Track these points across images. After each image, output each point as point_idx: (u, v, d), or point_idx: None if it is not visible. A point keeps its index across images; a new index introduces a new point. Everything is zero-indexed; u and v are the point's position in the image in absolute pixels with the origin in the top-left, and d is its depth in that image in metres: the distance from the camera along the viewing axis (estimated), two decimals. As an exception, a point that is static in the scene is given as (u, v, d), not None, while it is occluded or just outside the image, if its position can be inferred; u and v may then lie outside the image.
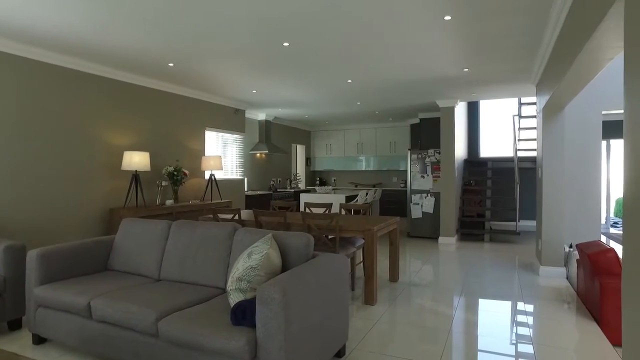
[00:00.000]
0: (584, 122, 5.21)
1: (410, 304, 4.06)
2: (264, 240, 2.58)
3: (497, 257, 6.31)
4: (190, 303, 2.58)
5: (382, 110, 8.84)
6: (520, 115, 8.45)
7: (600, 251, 3.69)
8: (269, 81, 5.94)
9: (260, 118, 9.38)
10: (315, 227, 4.12)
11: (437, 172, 7.69)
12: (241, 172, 8.18)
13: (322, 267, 2.51)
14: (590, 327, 3.52)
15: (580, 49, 2.87)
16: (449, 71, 5.33)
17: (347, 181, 11.73)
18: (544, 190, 4.98)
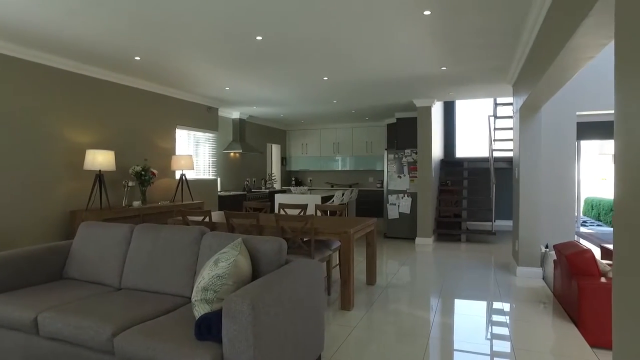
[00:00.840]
0: (558, 123, 5.22)
1: (388, 308, 3.94)
2: (232, 246, 2.40)
3: (474, 257, 6.28)
4: (152, 315, 2.36)
5: (358, 110, 8.73)
6: (495, 116, 8.50)
7: (577, 252, 3.66)
8: (243, 78, 5.73)
9: (234, 116, 9.13)
10: (289, 230, 3.95)
11: (414, 172, 7.63)
12: (214, 172, 7.92)
13: (295, 274, 2.34)
14: (568, 328, 3.48)
15: (561, 47, 2.80)
16: (427, 69, 5.25)
17: (323, 181, 11.59)
18: (521, 190, 4.96)
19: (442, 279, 5.02)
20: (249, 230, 4.18)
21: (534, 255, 4.96)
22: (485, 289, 4.63)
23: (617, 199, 1.61)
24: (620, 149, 1.57)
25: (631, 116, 1.48)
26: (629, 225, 1.50)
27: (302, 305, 2.32)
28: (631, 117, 1.48)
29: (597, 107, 5.11)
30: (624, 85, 1.54)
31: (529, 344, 3.15)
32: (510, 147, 8.39)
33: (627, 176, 1.51)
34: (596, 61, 4.69)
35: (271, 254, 2.51)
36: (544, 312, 3.89)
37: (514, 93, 5.53)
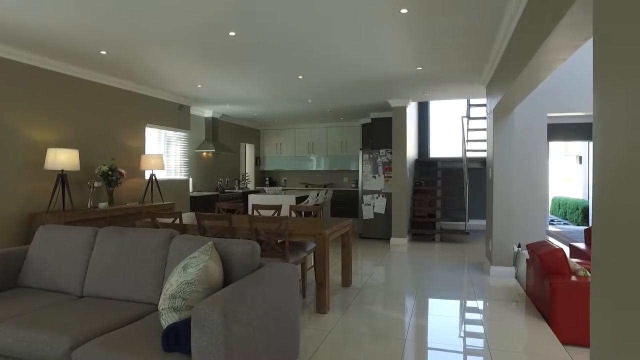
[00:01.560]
0: (530, 125, 5.30)
1: (364, 310, 3.89)
2: (203, 250, 2.28)
3: (448, 257, 6.32)
4: (116, 324, 2.22)
5: (333, 109, 8.68)
6: (468, 117, 8.60)
7: (549, 251, 3.70)
8: (216, 75, 5.57)
9: (207, 115, 8.91)
10: (263, 232, 3.84)
11: (389, 172, 7.63)
12: (186, 172, 7.71)
13: (269, 278, 2.24)
14: (540, 326, 3.52)
15: (537, 48, 2.80)
16: (403, 69, 5.23)
17: (298, 181, 11.49)
18: (495, 191, 5.00)
19: (417, 279, 5.01)
20: (222, 233, 4.05)
21: (507, 255, 5.02)
22: (460, 288, 4.65)
23: (596, 200, 1.60)
24: (599, 150, 1.56)
25: (610, 118, 1.46)
26: (607, 226, 1.48)
27: (276, 310, 2.23)
28: (610, 118, 1.46)
29: (567, 109, 5.22)
30: (603, 87, 1.53)
31: (503, 343, 3.16)
32: (482, 147, 8.51)
33: (606, 177, 1.50)
34: (566, 63, 4.78)
35: (244, 258, 2.40)
36: (518, 310, 3.92)
37: (488, 94, 5.59)
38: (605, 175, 1.51)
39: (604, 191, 1.52)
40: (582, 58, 4.91)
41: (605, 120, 1.50)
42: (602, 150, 1.54)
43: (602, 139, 1.53)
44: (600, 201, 1.56)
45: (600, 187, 1.55)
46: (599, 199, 1.57)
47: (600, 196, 1.55)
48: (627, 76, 1.33)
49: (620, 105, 1.38)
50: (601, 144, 1.54)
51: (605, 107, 1.50)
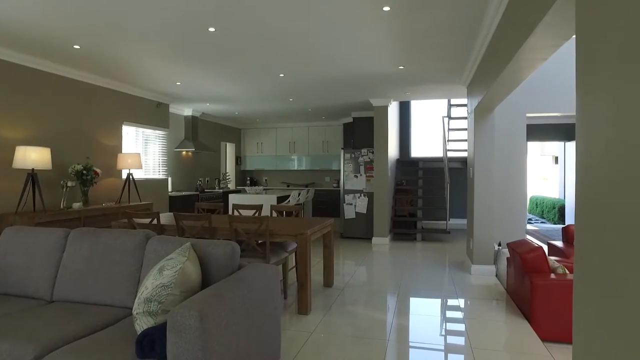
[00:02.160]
0: (510, 125, 5.35)
1: (345, 310, 3.85)
2: (180, 251, 2.19)
3: (430, 256, 6.35)
4: (88, 330, 2.12)
5: (315, 108, 8.63)
6: (449, 117, 8.67)
7: (529, 250, 3.73)
8: (194, 72, 5.45)
9: (186, 114, 8.75)
10: (243, 232, 3.76)
11: (371, 171, 7.63)
12: (164, 172, 7.54)
13: (249, 280, 2.18)
14: (520, 324, 3.54)
15: (518, 47, 2.81)
16: (384, 68, 5.22)
17: (279, 181, 11.40)
18: (476, 190, 5.04)
19: (399, 278, 5.00)
20: (201, 233, 3.95)
21: (488, 253, 5.06)
22: (442, 287, 4.65)
23: (579, 200, 1.59)
24: (582, 150, 1.55)
25: (593, 117, 1.45)
26: (589, 225, 1.48)
27: (257, 313, 2.16)
28: (593, 118, 1.45)
29: (546, 110, 5.29)
30: (586, 86, 1.52)
31: (484, 342, 3.16)
32: (463, 147, 8.59)
33: (588, 177, 1.49)
34: (545, 64, 4.83)
35: (223, 259, 2.32)
36: (498, 308, 3.94)
37: (469, 94, 5.63)
38: (587, 174, 1.50)
39: (585, 190, 1.51)
40: (560, 58, 4.98)
41: (588, 119, 1.49)
42: (584, 151, 1.53)
43: (585, 138, 1.52)
44: (582, 200, 1.55)
45: (582, 186, 1.55)
46: (581, 198, 1.56)
47: (582, 195, 1.54)
48: (609, 73, 1.32)
49: (603, 103, 1.37)
50: (584, 144, 1.53)
51: (588, 105, 1.49)
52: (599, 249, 1.39)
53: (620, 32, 1.25)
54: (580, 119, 1.56)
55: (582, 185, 1.55)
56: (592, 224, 1.46)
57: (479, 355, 2.94)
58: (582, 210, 1.55)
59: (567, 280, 3.42)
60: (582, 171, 1.55)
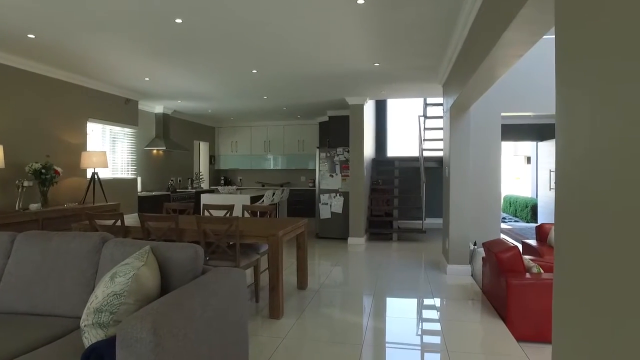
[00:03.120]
0: (485, 124, 5.34)
1: (320, 313, 3.72)
2: (138, 255, 2.02)
3: (406, 256, 6.29)
4: (32, 345, 1.92)
5: (290, 107, 8.48)
6: (425, 116, 8.67)
7: (505, 249, 3.70)
8: (163, 67, 5.22)
9: (157, 111, 8.46)
10: (212, 233, 3.59)
11: (346, 171, 7.53)
12: (133, 171, 7.25)
13: (212, 286, 2.02)
14: (496, 324, 3.50)
15: (494, 43, 2.75)
16: (359, 65, 5.12)
17: (254, 180, 11.19)
18: (451, 189, 5.00)
19: (374, 279, 4.91)
20: (167, 235, 3.75)
21: (463, 253, 5.03)
22: (418, 288, 4.59)
23: (558, 199, 1.52)
24: (562, 148, 1.48)
25: (573, 114, 1.37)
26: (568, 225, 1.41)
27: (221, 321, 2.01)
28: (573, 115, 1.37)
29: (521, 109, 5.30)
30: (566, 80, 1.44)
31: (461, 344, 3.09)
32: (439, 146, 8.61)
33: (568, 176, 1.41)
34: (520, 63, 4.83)
35: (185, 263, 2.16)
36: (474, 309, 3.89)
37: (444, 93, 5.59)
38: (567, 172, 1.43)
39: (566, 191, 1.44)
40: (535, 58, 4.99)
41: (569, 117, 1.42)
42: (564, 150, 1.46)
43: (565, 137, 1.45)
44: (562, 201, 1.48)
45: (562, 187, 1.47)
46: (562, 199, 1.49)
47: (563, 196, 1.47)
48: (590, 66, 1.24)
49: (584, 98, 1.29)
50: (563, 143, 1.46)
51: (568, 100, 1.42)
52: (579, 247, 1.31)
53: (601, 23, 1.17)
54: (560, 115, 1.49)
55: (562, 186, 1.47)
56: (570, 224, 1.39)
57: (454, 357, 2.87)
58: (562, 211, 1.48)
59: (542, 280, 3.39)
60: (563, 168, 1.47)
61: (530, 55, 4.81)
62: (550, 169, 9.45)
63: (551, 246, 4.81)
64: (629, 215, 1.01)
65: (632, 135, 1.00)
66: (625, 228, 1.02)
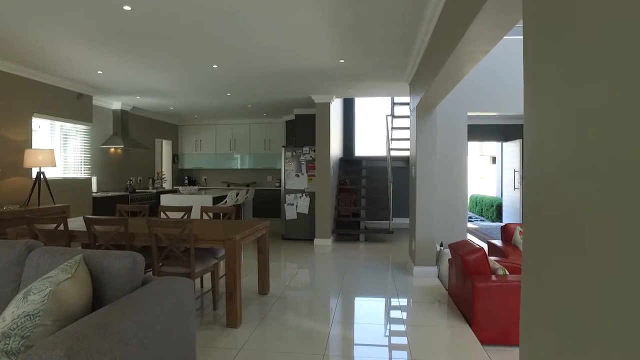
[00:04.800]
0: (451, 123, 5.29)
1: (281, 321, 3.53)
2: (65, 267, 1.78)
3: (373, 257, 6.18)
4: None
5: (255, 104, 8.23)
6: (393, 115, 8.62)
7: (470, 251, 3.62)
8: (116, 60, 4.89)
9: (114, 107, 8.03)
10: (164, 238, 3.33)
11: (313, 170, 7.36)
12: (87, 170, 6.83)
13: (150, 299, 1.80)
14: (461, 327, 3.42)
15: (460, 37, 2.64)
16: (324, 61, 4.95)
17: (220, 180, 10.86)
18: (418, 189, 4.91)
19: (340, 282, 4.76)
20: (116, 240, 3.47)
21: (430, 254, 4.95)
22: (384, 291, 4.47)
23: (527, 201, 1.40)
24: (530, 146, 1.36)
25: (542, 111, 1.26)
26: (536, 228, 1.30)
27: (162, 339, 1.79)
28: (542, 112, 1.26)
29: (486, 109, 5.28)
30: (535, 76, 1.33)
31: (426, 352, 2.97)
32: (406, 146, 8.57)
33: (536, 177, 1.30)
34: (485, 63, 4.80)
35: (122, 274, 1.93)
36: (440, 312, 3.80)
37: (411, 92, 5.51)
38: (536, 169, 1.31)
39: (535, 191, 1.32)
40: (500, 58, 4.98)
41: (537, 115, 1.30)
42: (532, 148, 1.34)
43: (533, 135, 1.33)
44: (531, 202, 1.36)
45: (530, 187, 1.36)
46: (530, 200, 1.37)
47: (531, 196, 1.36)
48: (560, 59, 1.12)
49: (554, 93, 1.17)
50: (532, 141, 1.35)
51: (537, 96, 1.31)
52: (547, 246, 1.22)
53: (572, 15, 1.05)
54: (528, 112, 1.37)
55: (530, 182, 1.36)
56: (538, 227, 1.27)
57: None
58: (530, 212, 1.36)
59: (508, 282, 3.33)
60: (531, 166, 1.36)
61: (496, 55, 4.79)
62: (514, 169, 9.61)
63: (516, 246, 4.80)
64: (599, 216, 0.92)
65: (602, 135, 0.91)
66: (596, 229, 0.93)
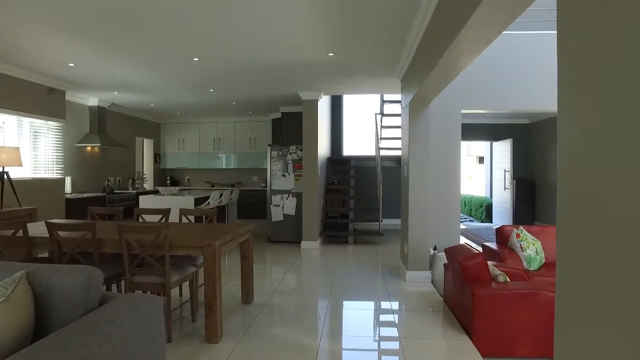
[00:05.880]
0: (445, 121, 5.06)
1: (265, 334, 3.24)
2: (0, 286, 1.47)
3: (362, 260, 5.92)
4: None
5: (240, 102, 7.91)
6: (382, 114, 8.38)
7: (469, 256, 3.38)
8: (90, 51, 4.53)
9: (91, 104, 7.62)
10: (136, 244, 3.02)
11: (300, 170, 7.07)
12: (60, 170, 6.43)
13: (107, 325, 1.50)
14: (460, 339, 3.17)
15: (462, 25, 2.39)
16: (313, 55, 4.67)
17: (203, 180, 10.50)
18: (411, 190, 4.66)
19: (329, 289, 4.49)
20: (83, 247, 3.14)
21: (423, 259, 4.71)
22: (376, 299, 4.22)
23: (562, 197, 1.15)
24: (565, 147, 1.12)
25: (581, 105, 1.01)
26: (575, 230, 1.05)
27: (118, 372, 1.50)
28: (581, 106, 1.01)
29: (481, 106, 5.07)
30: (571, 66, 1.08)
31: None
32: (396, 145, 8.34)
33: (576, 170, 1.05)
34: (479, 58, 4.57)
35: (74, 294, 1.62)
36: (436, 321, 3.56)
37: (403, 88, 5.27)
38: (574, 166, 1.07)
39: (572, 185, 1.07)
40: (496, 53, 4.77)
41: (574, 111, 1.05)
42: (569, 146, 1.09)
43: (569, 130, 1.08)
44: (566, 196, 1.12)
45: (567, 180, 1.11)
46: (566, 194, 1.12)
47: (568, 191, 1.11)
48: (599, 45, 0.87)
49: (593, 84, 0.92)
50: (567, 137, 1.10)
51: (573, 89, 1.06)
52: (586, 255, 0.99)
53: None
54: (563, 109, 1.12)
55: (566, 180, 1.11)
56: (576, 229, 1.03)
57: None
58: (565, 217, 1.11)
59: (511, 290, 3.10)
60: (568, 163, 1.11)
61: (491, 51, 4.57)
62: (505, 169, 9.46)
63: (512, 249, 4.59)
64: None
65: None
66: None
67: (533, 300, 3.06)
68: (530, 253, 4.28)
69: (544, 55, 4.82)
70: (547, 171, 8.72)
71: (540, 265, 4.32)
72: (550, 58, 4.79)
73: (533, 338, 3.03)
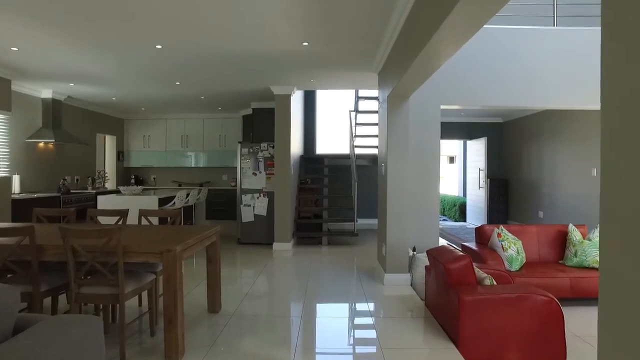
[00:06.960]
0: (423, 117, 4.86)
1: (232, 348, 2.92)
2: None
3: (337, 263, 5.65)
4: None
5: (209, 97, 7.50)
6: (357, 110, 8.15)
7: (454, 259, 3.17)
8: (34, 33, 4.06)
9: (44, 96, 7.03)
10: (84, 251, 2.63)
11: (271, 168, 6.74)
12: (6, 168, 5.86)
13: (31, 353, 1.16)
14: (446, 348, 2.95)
15: (448, 13, 2.16)
16: (285, 44, 4.36)
17: (171, 180, 9.99)
18: (389, 189, 4.42)
19: (303, 294, 4.20)
20: (22, 255, 2.73)
21: (402, 260, 4.48)
22: (353, 305, 3.95)
23: (605, 195, 0.92)
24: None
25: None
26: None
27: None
28: None
29: (461, 102, 4.90)
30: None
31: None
32: (371, 143, 8.14)
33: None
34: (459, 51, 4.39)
35: (-18, 318, 1.26)
36: (418, 329, 3.33)
37: (380, 82, 5.03)
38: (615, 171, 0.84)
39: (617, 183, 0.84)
40: (477, 47, 4.60)
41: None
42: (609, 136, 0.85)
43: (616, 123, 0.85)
44: (610, 204, 0.88)
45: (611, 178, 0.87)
46: (609, 201, 0.89)
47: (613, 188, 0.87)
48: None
49: None
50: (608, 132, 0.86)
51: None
52: None
53: None
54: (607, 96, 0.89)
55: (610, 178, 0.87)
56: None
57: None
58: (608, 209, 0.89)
59: (499, 295, 2.90)
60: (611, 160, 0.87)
61: (472, 44, 4.40)
62: (479, 168, 9.43)
63: (493, 249, 4.42)
64: None
65: None
66: None
67: (522, 305, 2.88)
68: (511, 253, 4.12)
69: (525, 50, 4.70)
70: (520, 170, 8.71)
71: (521, 266, 4.18)
72: (532, 53, 4.62)
73: (523, 344, 2.85)
